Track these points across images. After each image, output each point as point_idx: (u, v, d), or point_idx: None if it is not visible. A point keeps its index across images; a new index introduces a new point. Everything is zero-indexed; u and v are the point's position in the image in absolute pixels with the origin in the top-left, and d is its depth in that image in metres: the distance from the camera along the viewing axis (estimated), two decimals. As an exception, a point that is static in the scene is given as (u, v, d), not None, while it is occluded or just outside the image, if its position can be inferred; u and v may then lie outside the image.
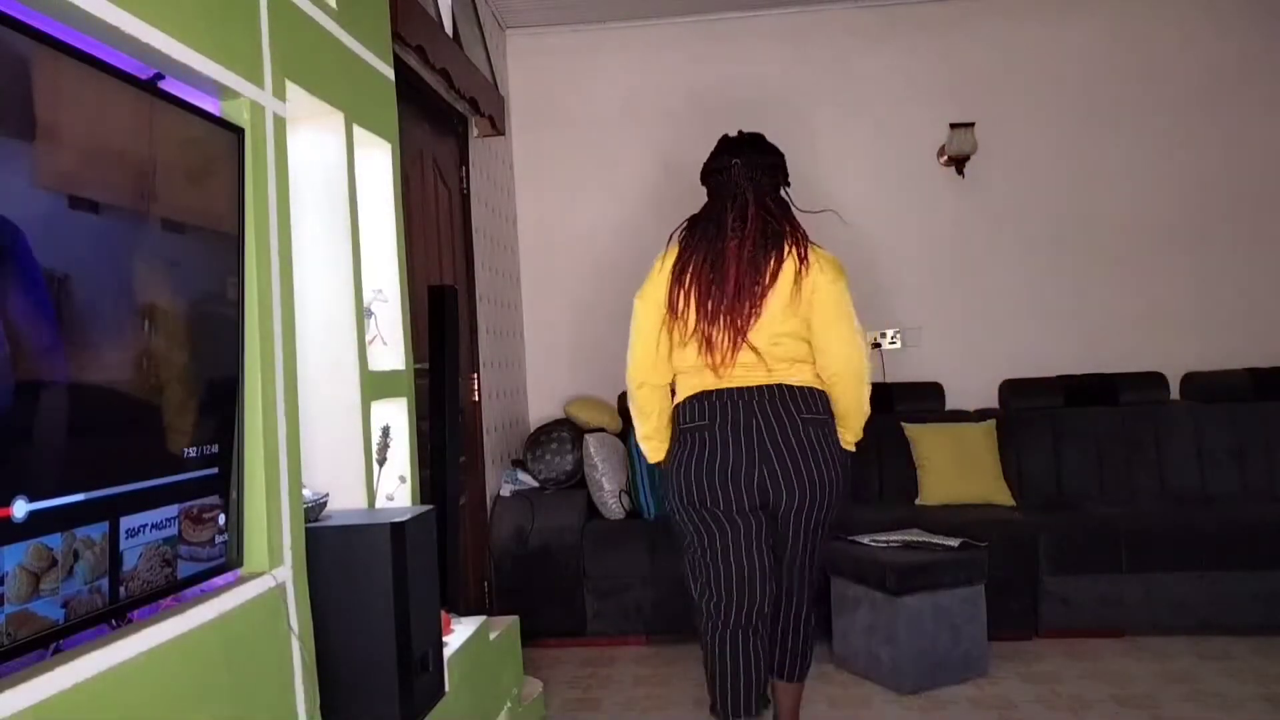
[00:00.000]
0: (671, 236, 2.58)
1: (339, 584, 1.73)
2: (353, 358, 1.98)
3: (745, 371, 2.42)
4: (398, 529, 1.74)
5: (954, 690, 3.18)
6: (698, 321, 2.41)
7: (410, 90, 3.17)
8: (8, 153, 1.07)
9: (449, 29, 3.49)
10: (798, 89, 4.64)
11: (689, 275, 2.44)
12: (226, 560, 1.48)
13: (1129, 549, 3.60)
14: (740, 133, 2.69)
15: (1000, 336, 4.54)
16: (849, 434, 2.52)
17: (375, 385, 2.07)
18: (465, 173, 3.89)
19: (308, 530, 1.69)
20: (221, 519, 1.47)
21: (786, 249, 2.43)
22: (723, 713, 2.49)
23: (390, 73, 2.30)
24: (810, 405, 2.44)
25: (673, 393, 2.56)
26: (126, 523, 1.25)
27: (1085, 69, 4.52)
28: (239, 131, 1.54)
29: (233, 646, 1.41)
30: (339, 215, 1.98)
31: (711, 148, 2.72)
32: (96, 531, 1.19)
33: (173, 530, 1.35)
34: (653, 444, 2.56)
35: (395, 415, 2.23)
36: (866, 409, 2.52)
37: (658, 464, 2.60)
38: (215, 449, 1.45)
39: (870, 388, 2.50)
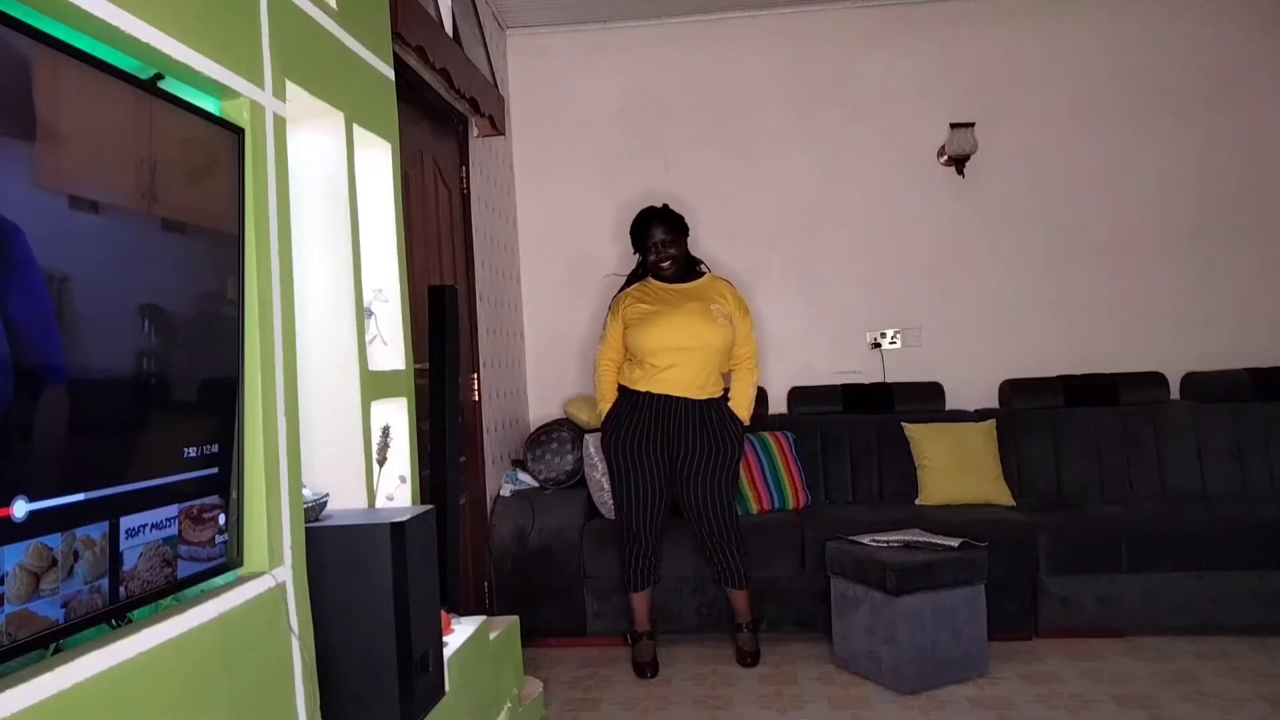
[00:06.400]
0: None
1: (339, 584, 1.73)
2: (353, 358, 1.98)
3: None
4: (398, 529, 1.74)
5: (954, 690, 3.18)
6: None
7: (410, 90, 3.17)
8: (8, 153, 1.07)
9: (449, 29, 3.49)
10: (798, 89, 4.64)
11: None
12: (226, 560, 1.48)
13: (1129, 549, 3.60)
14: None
15: (1000, 336, 4.54)
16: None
17: (375, 385, 2.07)
18: (465, 173, 3.89)
19: (308, 530, 1.69)
20: (221, 519, 1.46)
21: None
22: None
23: (390, 73, 2.30)
24: None
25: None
26: (126, 522, 1.25)
27: (1085, 69, 4.52)
28: (239, 131, 1.54)
29: (233, 646, 1.41)
30: (339, 215, 1.98)
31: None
32: (96, 531, 1.19)
33: (173, 530, 1.35)
34: None
35: (395, 415, 2.23)
36: None
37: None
38: (215, 449, 1.45)
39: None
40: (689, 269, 3.63)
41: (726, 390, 3.58)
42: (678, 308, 3.51)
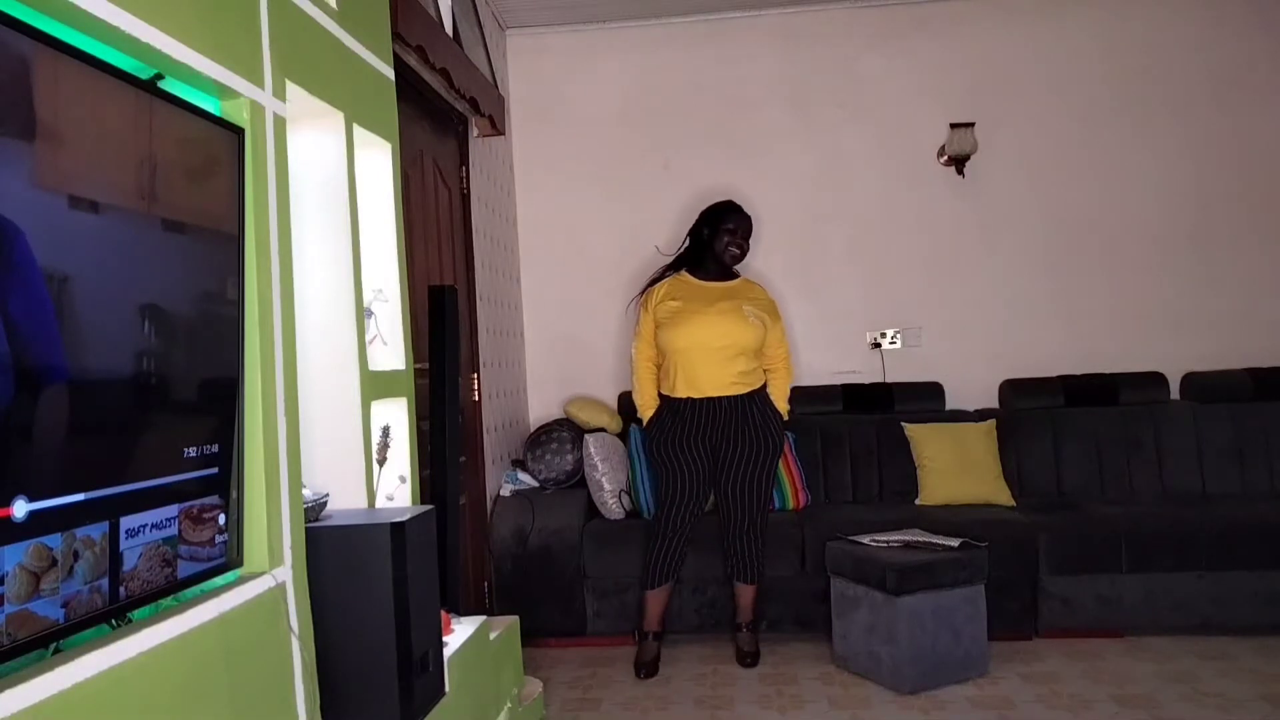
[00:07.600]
0: None
1: (339, 584, 1.72)
2: (353, 358, 1.98)
3: None
4: (398, 529, 1.74)
5: (954, 690, 3.18)
6: None
7: (410, 90, 3.17)
8: (8, 153, 1.07)
9: (449, 29, 3.49)
10: (798, 89, 4.64)
11: None
12: (226, 560, 1.48)
13: (1129, 549, 3.60)
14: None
15: (1000, 336, 4.54)
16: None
17: (375, 385, 2.06)
18: (465, 173, 3.89)
19: (308, 530, 1.69)
20: (221, 519, 1.46)
21: None
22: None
23: (390, 73, 2.30)
24: None
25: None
26: (126, 522, 1.24)
27: (1085, 69, 4.52)
28: (239, 131, 1.54)
29: (233, 646, 1.41)
30: (339, 215, 1.98)
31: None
32: (96, 531, 1.19)
33: (173, 530, 1.35)
34: None
35: (395, 415, 2.23)
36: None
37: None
38: (215, 449, 1.45)
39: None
40: (728, 269, 3.63)
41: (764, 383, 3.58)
42: (711, 305, 3.51)
